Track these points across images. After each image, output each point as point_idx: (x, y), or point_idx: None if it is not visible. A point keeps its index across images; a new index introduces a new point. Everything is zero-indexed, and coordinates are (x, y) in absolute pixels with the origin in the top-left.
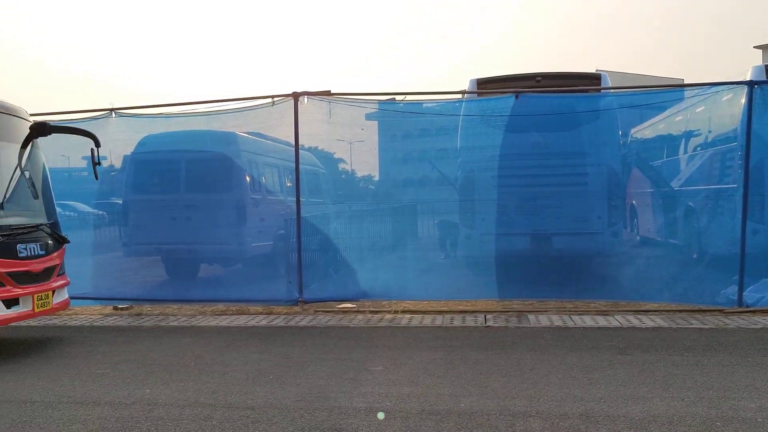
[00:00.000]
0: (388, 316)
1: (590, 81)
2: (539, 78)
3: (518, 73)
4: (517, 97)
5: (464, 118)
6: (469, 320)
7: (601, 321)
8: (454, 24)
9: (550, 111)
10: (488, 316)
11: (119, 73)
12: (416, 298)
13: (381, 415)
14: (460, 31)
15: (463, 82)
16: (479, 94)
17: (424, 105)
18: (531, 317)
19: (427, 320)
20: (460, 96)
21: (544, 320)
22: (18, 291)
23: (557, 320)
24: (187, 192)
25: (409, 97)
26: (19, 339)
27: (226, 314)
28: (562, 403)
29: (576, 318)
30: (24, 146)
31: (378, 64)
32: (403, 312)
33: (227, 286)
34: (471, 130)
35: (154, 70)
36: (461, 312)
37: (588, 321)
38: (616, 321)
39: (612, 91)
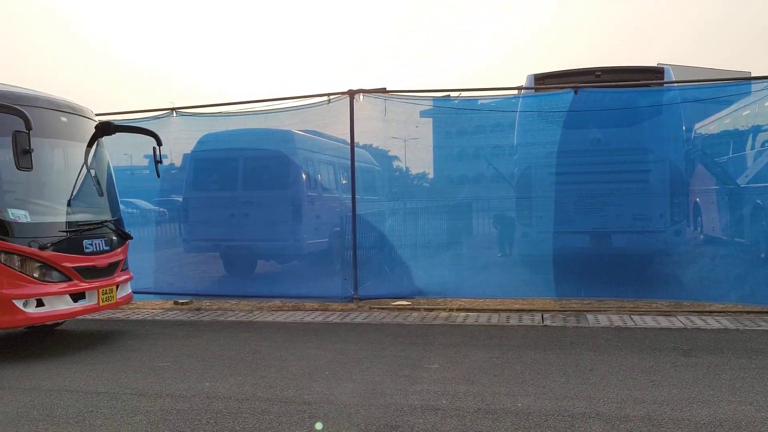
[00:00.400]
0: (444, 314)
1: (653, 75)
2: (599, 73)
3: (577, 68)
4: (576, 92)
5: (521, 114)
6: (526, 319)
7: (663, 322)
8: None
9: (610, 106)
10: (545, 315)
11: (179, 72)
12: (472, 296)
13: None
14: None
15: (519, 77)
16: (537, 89)
17: (480, 102)
18: (590, 317)
19: (483, 319)
20: (516, 92)
21: (603, 320)
22: (84, 285)
23: (617, 320)
24: (245, 189)
25: (464, 94)
26: (85, 332)
27: (283, 310)
28: (623, 405)
29: (637, 318)
30: (90, 145)
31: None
32: (459, 310)
33: (284, 282)
34: (528, 126)
35: (213, 70)
36: (518, 311)
37: (649, 321)
38: (679, 322)
39: (675, 85)
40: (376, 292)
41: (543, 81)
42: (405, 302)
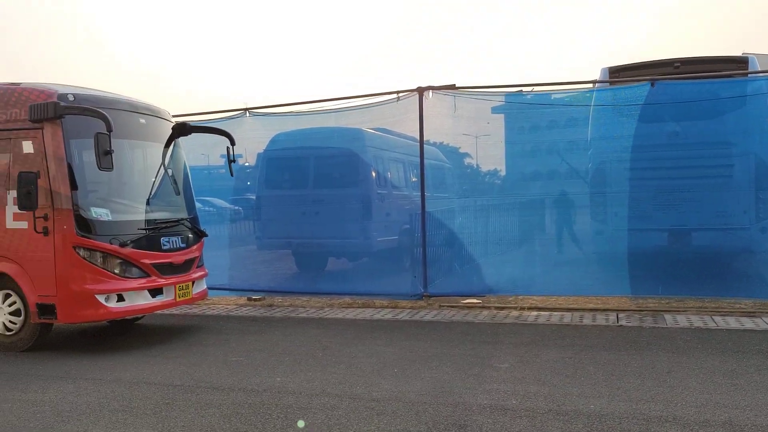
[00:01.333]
0: (514, 313)
1: (736, 65)
2: (678, 64)
3: (654, 59)
4: (652, 84)
5: (596, 108)
6: (600, 319)
7: (747, 323)
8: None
9: (689, 98)
10: (620, 315)
11: (251, 72)
12: (544, 293)
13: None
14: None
15: (593, 71)
16: (612, 82)
17: (553, 96)
18: (668, 317)
19: (555, 318)
20: (591, 85)
21: (682, 320)
22: (161, 281)
23: (697, 321)
24: (316, 187)
25: (536, 89)
26: (163, 326)
27: (353, 307)
28: (702, 409)
29: (718, 319)
30: (167, 146)
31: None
32: (530, 309)
33: (354, 279)
34: (603, 120)
35: (284, 70)
36: (591, 310)
37: (732, 323)
38: (764, 323)
39: (761, 74)
40: (445, 289)
41: (618, 74)
42: (475, 300)
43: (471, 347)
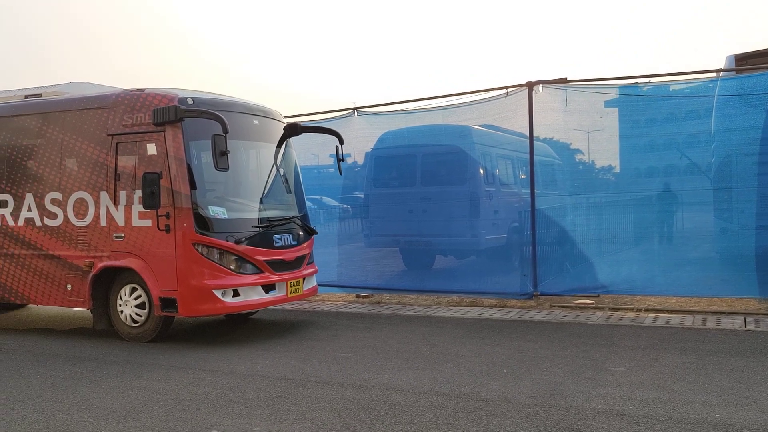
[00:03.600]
0: (630, 314)
1: None
2: None
3: None
4: None
5: (720, 99)
6: (725, 322)
7: None
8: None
9: None
10: (748, 319)
11: (358, 71)
12: (663, 293)
13: None
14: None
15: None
16: (737, 71)
17: (672, 87)
18: None
19: (675, 320)
20: (714, 75)
21: None
22: (274, 278)
23: None
24: (423, 185)
25: (653, 80)
26: (275, 321)
27: (460, 306)
28: None
29: None
30: (279, 146)
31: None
32: (647, 310)
33: (461, 277)
34: (727, 111)
35: (390, 69)
36: (715, 312)
37: None
38: None
39: None
40: (556, 288)
41: (745, 61)
42: (588, 300)
43: (584, 349)
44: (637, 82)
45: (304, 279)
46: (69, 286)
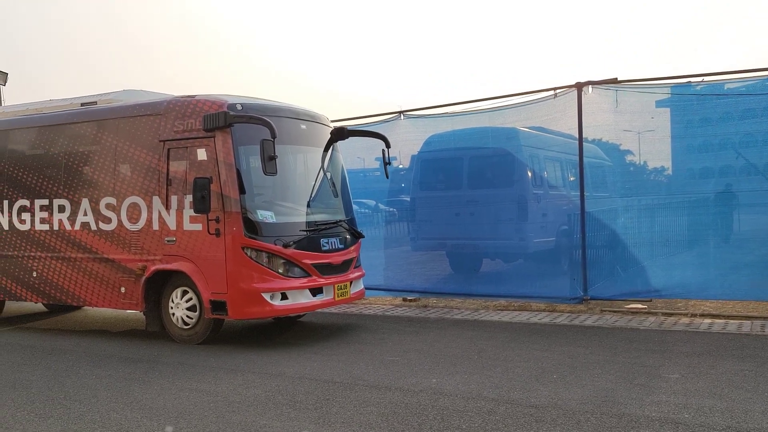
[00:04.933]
0: (684, 320)
1: None
2: None
3: None
4: None
5: None
6: None
7: None
8: None
9: None
10: None
11: (405, 76)
12: (719, 297)
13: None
14: None
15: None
16: None
17: (726, 86)
18: None
19: (732, 326)
20: None
21: None
22: (322, 281)
23: None
24: (470, 188)
25: (707, 79)
26: (323, 324)
27: (508, 310)
28: None
29: None
30: (326, 150)
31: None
32: (702, 316)
33: (509, 281)
34: None
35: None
36: None
37: None
38: None
39: None
40: (607, 293)
41: None
42: (640, 305)
43: (636, 355)
44: (690, 81)
45: (351, 282)
46: (123, 289)
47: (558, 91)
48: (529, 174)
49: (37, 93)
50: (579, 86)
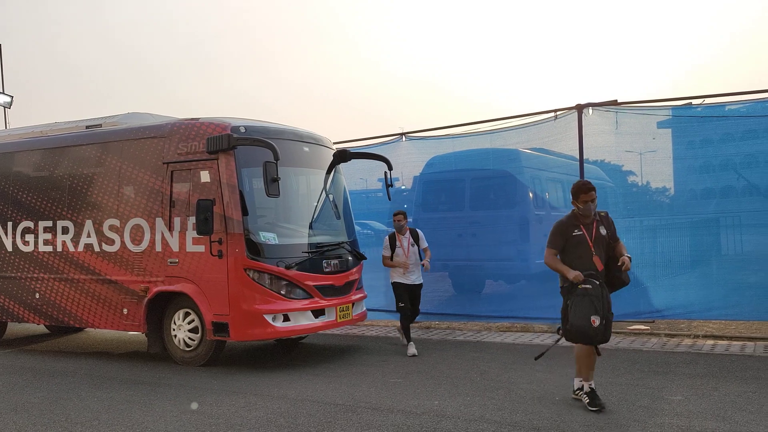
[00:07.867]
0: (687, 341)
1: None
2: None
3: None
4: None
5: None
6: None
7: None
8: None
9: None
10: None
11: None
12: (722, 318)
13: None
14: None
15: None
16: None
17: (727, 107)
18: None
19: (735, 347)
20: None
21: None
22: (324, 303)
23: None
24: (472, 209)
25: (707, 100)
26: (325, 346)
27: (511, 331)
28: None
29: None
30: (328, 172)
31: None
32: (705, 337)
33: (512, 302)
34: None
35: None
36: None
37: None
38: None
39: None
40: None
41: None
42: (642, 326)
43: (639, 377)
44: (690, 103)
45: (353, 304)
46: (125, 311)
47: (558, 112)
48: (531, 195)
49: (43, 116)
50: (579, 108)
